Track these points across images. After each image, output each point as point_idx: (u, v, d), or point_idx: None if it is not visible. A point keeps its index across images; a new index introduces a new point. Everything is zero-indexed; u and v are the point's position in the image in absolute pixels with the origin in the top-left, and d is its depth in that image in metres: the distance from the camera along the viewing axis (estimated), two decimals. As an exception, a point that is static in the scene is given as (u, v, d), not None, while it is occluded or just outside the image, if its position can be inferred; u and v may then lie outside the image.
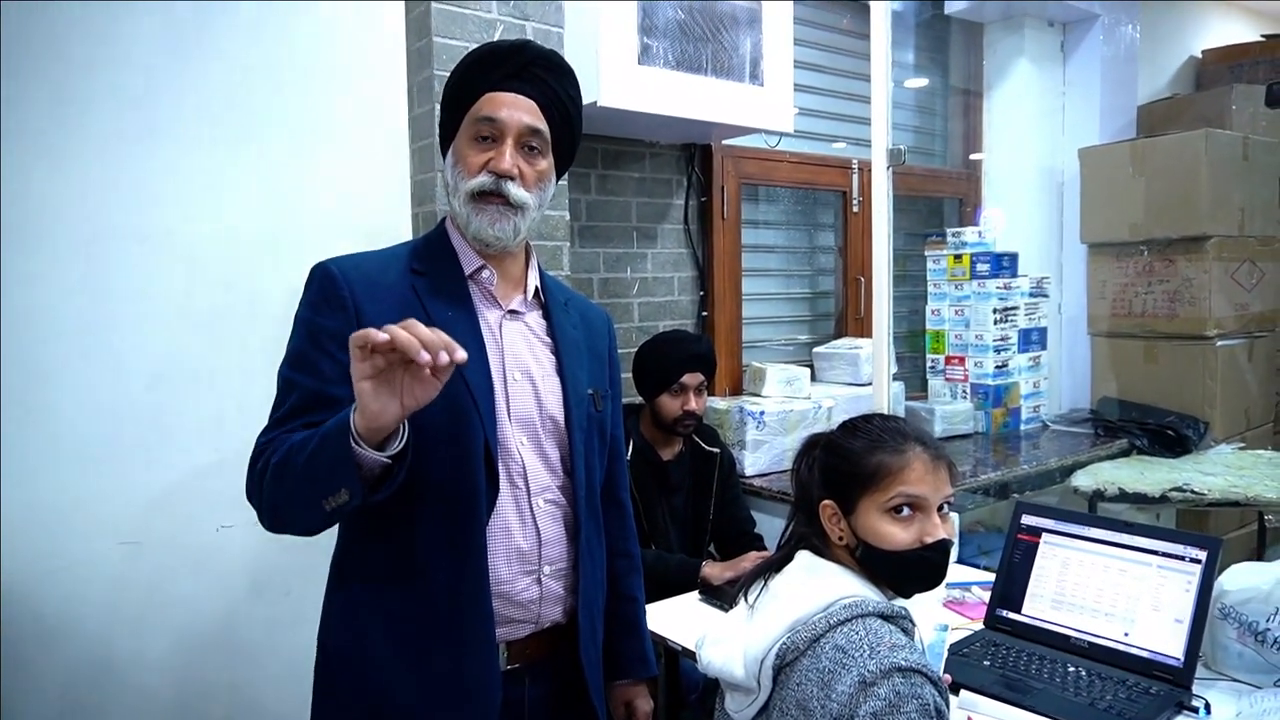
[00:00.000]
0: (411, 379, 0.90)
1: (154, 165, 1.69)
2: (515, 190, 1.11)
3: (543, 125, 1.14)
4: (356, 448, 0.91)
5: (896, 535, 1.02)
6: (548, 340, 1.19)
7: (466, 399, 1.07)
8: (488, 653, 1.08)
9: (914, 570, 1.04)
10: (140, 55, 1.67)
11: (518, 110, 1.12)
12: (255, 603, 1.81)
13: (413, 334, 0.85)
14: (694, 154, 2.66)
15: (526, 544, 1.11)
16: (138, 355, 1.68)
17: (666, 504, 2.12)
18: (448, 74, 1.81)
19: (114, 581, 1.67)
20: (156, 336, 1.70)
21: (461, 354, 0.87)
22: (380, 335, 0.84)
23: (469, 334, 1.10)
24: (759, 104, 2.30)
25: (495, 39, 1.90)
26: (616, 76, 2.02)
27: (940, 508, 1.05)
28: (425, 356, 0.84)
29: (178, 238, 1.71)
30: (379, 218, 1.93)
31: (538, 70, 1.14)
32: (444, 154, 1.18)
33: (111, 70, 1.64)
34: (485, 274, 1.15)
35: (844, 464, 1.06)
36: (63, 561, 1.62)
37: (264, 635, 1.82)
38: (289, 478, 0.98)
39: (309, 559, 1.80)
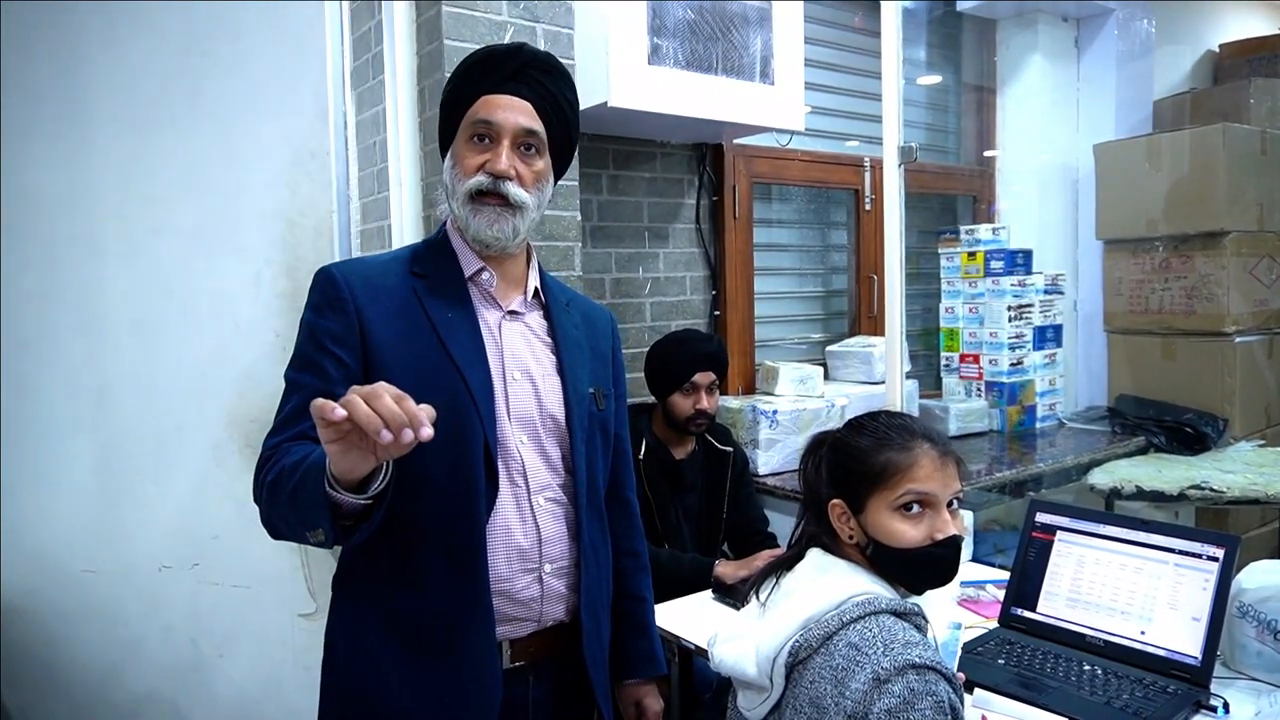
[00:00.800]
0: None
1: (95, 151, 1.63)
2: (514, 190, 1.12)
3: (539, 126, 1.14)
4: (331, 492, 0.90)
5: (906, 533, 1.02)
6: (548, 340, 1.20)
7: (466, 399, 1.08)
8: (488, 652, 1.08)
9: (925, 567, 1.03)
10: (131, 61, 1.63)
11: (513, 112, 1.13)
12: (193, 655, 1.72)
13: (377, 407, 0.82)
14: (705, 153, 2.66)
15: (526, 542, 1.12)
16: (87, 365, 1.63)
17: (680, 503, 2.12)
18: (458, 77, 1.85)
19: (77, 609, 1.64)
20: (103, 345, 1.64)
21: (427, 431, 0.83)
22: (338, 412, 0.81)
23: (468, 334, 1.12)
24: (770, 103, 2.30)
25: (506, 41, 1.91)
26: (627, 77, 2.03)
27: (950, 504, 1.04)
28: (386, 436, 0.81)
29: (118, 236, 1.66)
30: (302, 205, 1.83)
31: (533, 72, 1.15)
32: (443, 158, 1.19)
33: (100, 76, 1.60)
34: (485, 276, 1.17)
35: (852, 462, 1.06)
36: (41, 581, 1.59)
37: (203, 682, 1.72)
38: (278, 503, 0.99)
39: (240, 615, 1.69)
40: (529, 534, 1.12)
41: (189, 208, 1.69)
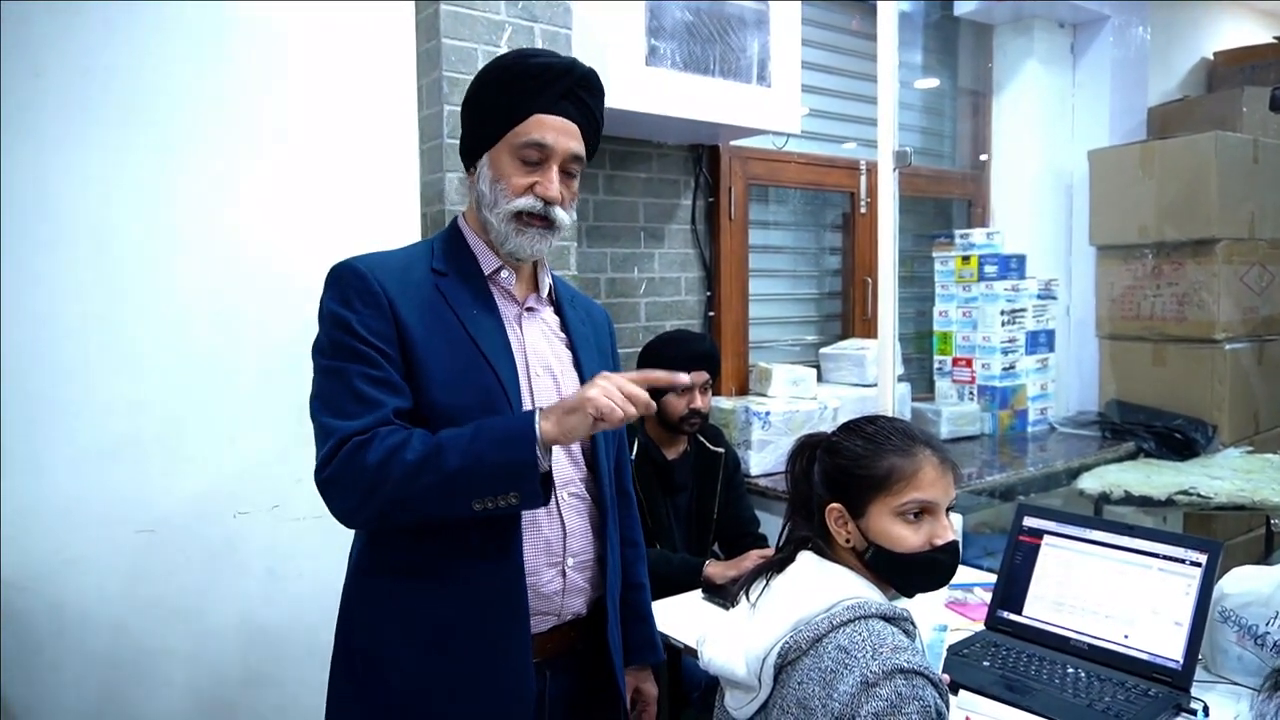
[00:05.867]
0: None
1: (165, 164, 1.70)
2: (559, 213, 1.15)
3: (583, 150, 1.17)
4: (543, 456, 0.99)
5: (908, 538, 1.04)
6: (563, 336, 1.23)
7: (499, 393, 1.09)
8: (521, 643, 1.09)
9: (925, 571, 1.05)
10: (150, 55, 1.69)
11: (565, 136, 1.14)
12: (271, 587, 1.84)
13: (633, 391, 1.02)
14: (701, 155, 2.67)
15: (552, 535, 1.14)
16: (152, 350, 1.71)
17: (671, 503, 2.13)
18: (456, 75, 1.86)
19: (131, 569, 1.69)
20: (169, 332, 1.72)
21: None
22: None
23: (494, 331, 1.13)
24: (766, 105, 2.31)
25: (503, 41, 1.92)
26: (624, 78, 2.04)
27: (946, 510, 1.06)
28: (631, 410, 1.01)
29: (188, 235, 1.73)
30: (387, 217, 1.94)
31: (582, 93, 1.16)
32: (470, 157, 1.19)
33: (123, 71, 1.66)
34: (504, 274, 1.19)
35: (853, 467, 1.07)
36: (80, 551, 1.64)
37: (279, 620, 1.84)
38: (438, 478, 1.00)
39: (321, 542, 1.80)
40: (554, 527, 1.14)
41: (271, 215, 1.82)
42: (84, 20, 1.62)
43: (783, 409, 2.50)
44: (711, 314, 2.73)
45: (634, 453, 2.07)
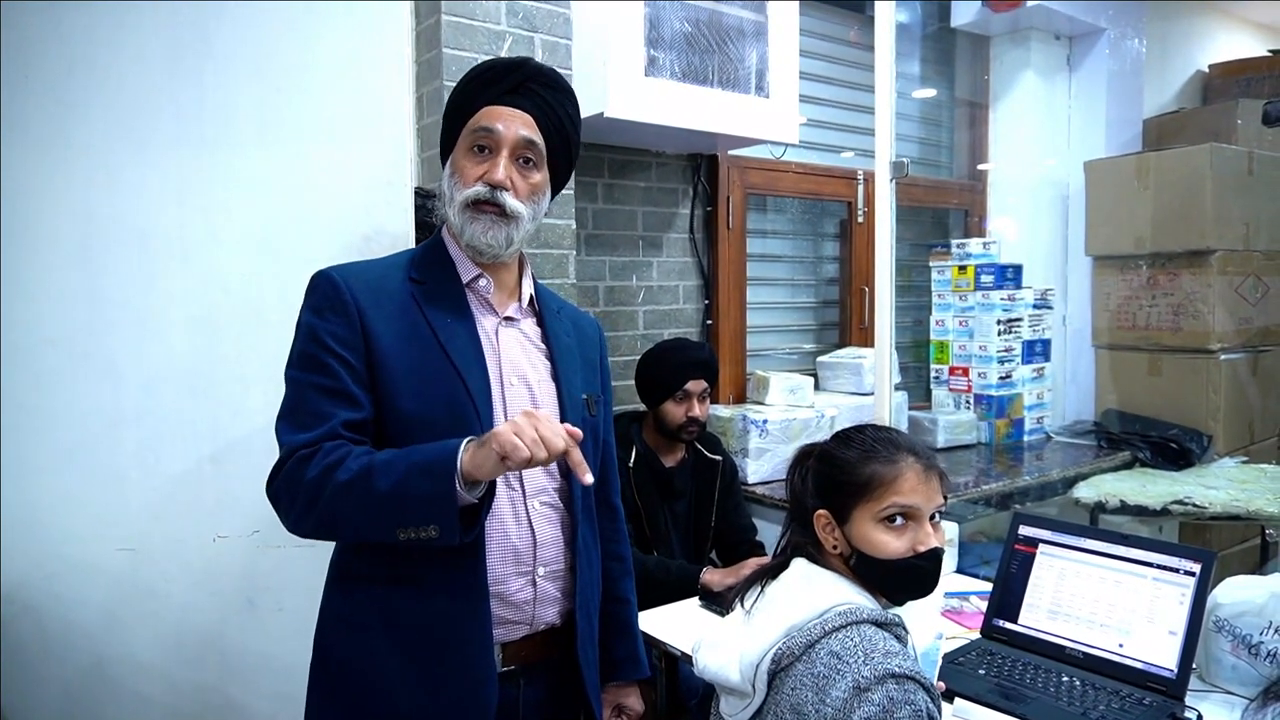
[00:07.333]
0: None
1: (150, 169, 1.67)
2: (510, 200, 1.14)
3: (538, 138, 1.17)
4: (462, 492, 0.96)
5: (890, 544, 1.04)
6: (542, 347, 1.23)
7: (466, 403, 1.09)
8: (484, 654, 1.10)
9: (906, 578, 1.06)
10: (138, 59, 1.65)
11: (514, 123, 1.15)
12: (249, 616, 1.78)
13: (544, 433, 0.96)
14: (700, 164, 2.68)
15: (521, 544, 1.14)
16: (134, 360, 1.66)
17: (669, 510, 2.13)
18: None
19: (113, 587, 1.66)
20: (153, 341, 1.68)
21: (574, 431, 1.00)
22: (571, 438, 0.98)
23: (467, 341, 1.13)
24: (764, 115, 2.33)
25: (504, 50, 1.93)
26: (623, 87, 2.05)
27: (932, 517, 1.07)
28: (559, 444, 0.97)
29: (173, 241, 1.69)
30: (377, 225, 1.90)
31: (535, 86, 1.17)
32: (443, 167, 1.22)
33: (113, 74, 1.63)
34: (482, 283, 1.19)
35: (838, 474, 1.08)
36: (61, 566, 1.61)
37: (257, 648, 1.78)
38: (365, 500, 1.00)
39: (302, 574, 1.73)
40: (523, 536, 1.14)
41: (253, 220, 1.75)
42: (73, 20, 1.59)
43: (780, 417, 2.51)
44: (709, 322, 2.74)
45: (632, 460, 2.08)
